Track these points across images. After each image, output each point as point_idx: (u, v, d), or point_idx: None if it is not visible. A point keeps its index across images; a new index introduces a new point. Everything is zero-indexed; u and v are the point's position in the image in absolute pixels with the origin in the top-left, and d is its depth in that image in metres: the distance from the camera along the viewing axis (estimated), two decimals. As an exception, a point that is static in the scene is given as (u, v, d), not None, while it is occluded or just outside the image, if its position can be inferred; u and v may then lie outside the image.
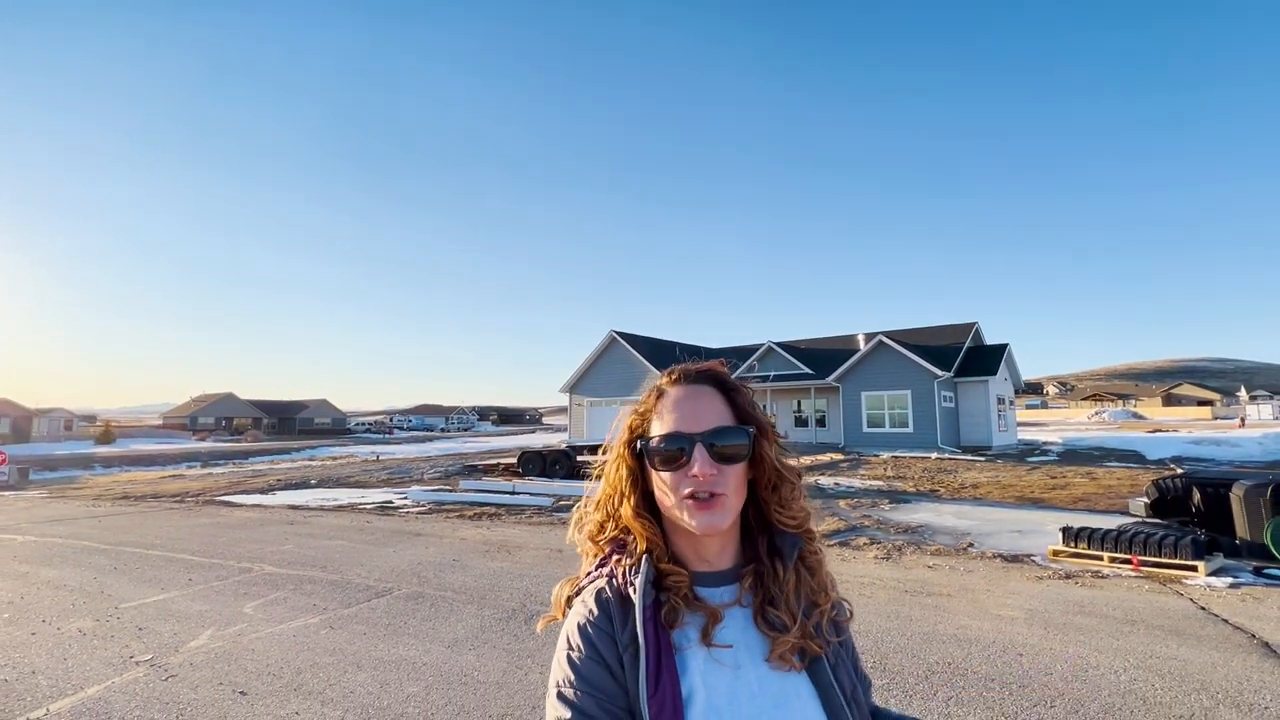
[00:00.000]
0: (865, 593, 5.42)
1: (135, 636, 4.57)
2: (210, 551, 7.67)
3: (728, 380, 0.91)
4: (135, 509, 12.41)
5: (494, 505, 11.64)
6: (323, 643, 4.38)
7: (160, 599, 5.58)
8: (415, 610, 5.11)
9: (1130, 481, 13.33)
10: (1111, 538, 6.61)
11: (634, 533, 0.86)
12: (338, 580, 6.14)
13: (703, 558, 0.86)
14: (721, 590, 0.85)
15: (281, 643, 4.39)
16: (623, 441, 0.90)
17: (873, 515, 9.65)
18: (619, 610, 0.80)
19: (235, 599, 5.54)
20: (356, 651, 4.20)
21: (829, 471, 16.46)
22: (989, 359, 25.49)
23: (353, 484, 16.12)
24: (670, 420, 0.85)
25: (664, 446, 0.83)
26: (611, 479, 0.90)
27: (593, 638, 0.78)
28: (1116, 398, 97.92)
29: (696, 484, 0.80)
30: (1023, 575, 6.00)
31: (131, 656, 4.17)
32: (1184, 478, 8.20)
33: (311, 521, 10.11)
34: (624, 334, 30.04)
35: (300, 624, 4.80)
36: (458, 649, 4.23)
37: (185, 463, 29.49)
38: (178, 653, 4.23)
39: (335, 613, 5.09)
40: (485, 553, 7.40)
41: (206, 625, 4.81)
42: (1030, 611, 4.81)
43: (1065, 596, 5.25)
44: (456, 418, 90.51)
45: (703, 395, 0.87)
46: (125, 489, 16.83)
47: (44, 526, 10.13)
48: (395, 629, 4.66)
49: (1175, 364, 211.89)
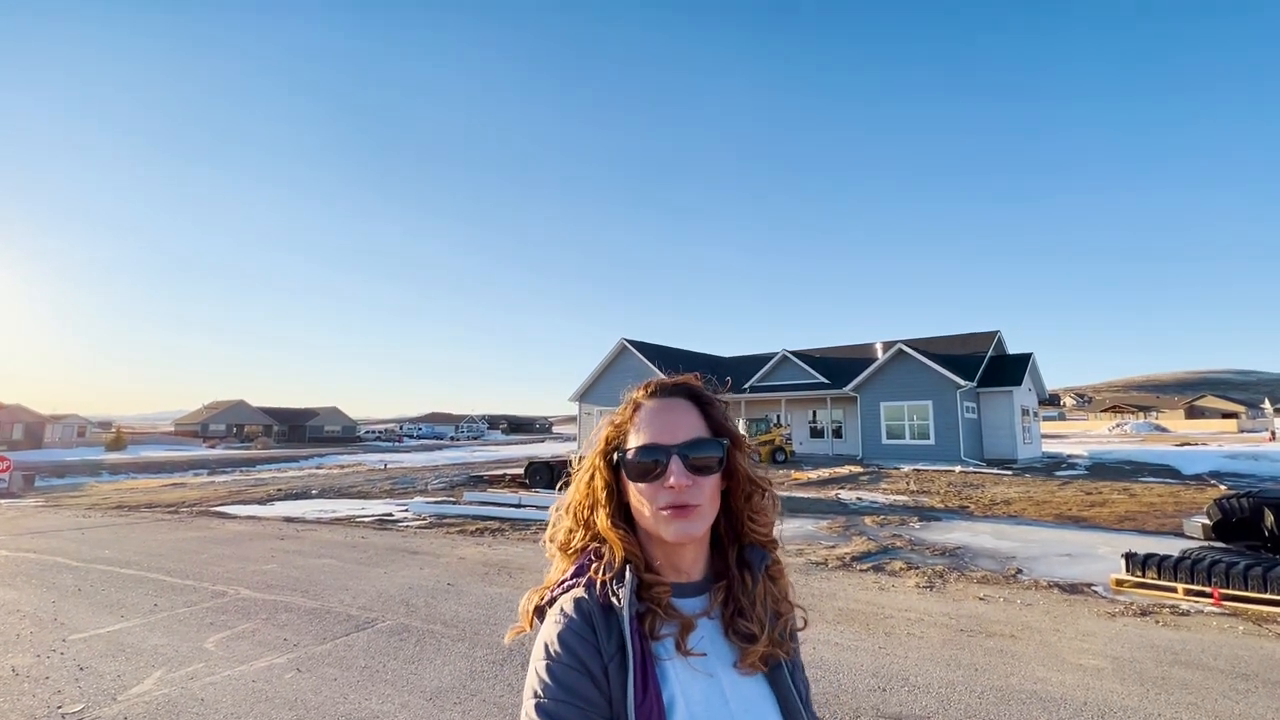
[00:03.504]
0: (915, 632, 4.71)
1: (73, 679, 3.96)
2: (187, 571, 7.07)
3: (702, 393, 0.93)
4: (124, 520, 11.88)
5: (498, 519, 11.00)
6: (285, 691, 3.74)
7: (116, 629, 4.97)
8: (398, 649, 4.46)
9: (1172, 499, 12.48)
10: (1186, 566, 5.86)
11: (610, 542, 0.87)
12: (317, 608, 5.51)
13: (677, 568, 0.87)
14: (693, 601, 0.87)
15: (237, 690, 3.76)
16: (599, 452, 0.92)
17: (903, 535, 8.90)
18: (602, 619, 0.80)
19: (199, 630, 4.91)
20: (321, 704, 3.55)
21: (849, 485, 15.67)
22: (1013, 368, 24.59)
23: (355, 494, 15.54)
24: (646, 433, 0.87)
25: (640, 459, 0.85)
26: (585, 487, 0.92)
27: (574, 647, 0.77)
28: (1137, 409, 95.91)
29: (673, 495, 0.82)
30: (1090, 610, 5.26)
31: (59, 707, 3.55)
32: (1251, 497, 7.40)
33: (304, 536, 9.52)
34: (634, 342, 29.45)
35: (264, 664, 4.17)
36: (440, 702, 3.58)
37: (192, 470, 29.20)
38: (114, 702, 3.61)
39: (307, 650, 4.45)
40: (484, 575, 6.75)
41: (158, 665, 4.18)
42: (1116, 660, 4.08)
43: (1150, 639, 4.50)
44: (466, 426, 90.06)
45: (678, 408, 0.90)
46: (123, 498, 16.36)
47: (22, 540, 9.59)
48: (371, 673, 4.01)
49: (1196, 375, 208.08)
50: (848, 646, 4.40)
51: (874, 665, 4.07)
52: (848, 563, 7.12)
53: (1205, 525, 7.50)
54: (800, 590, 5.73)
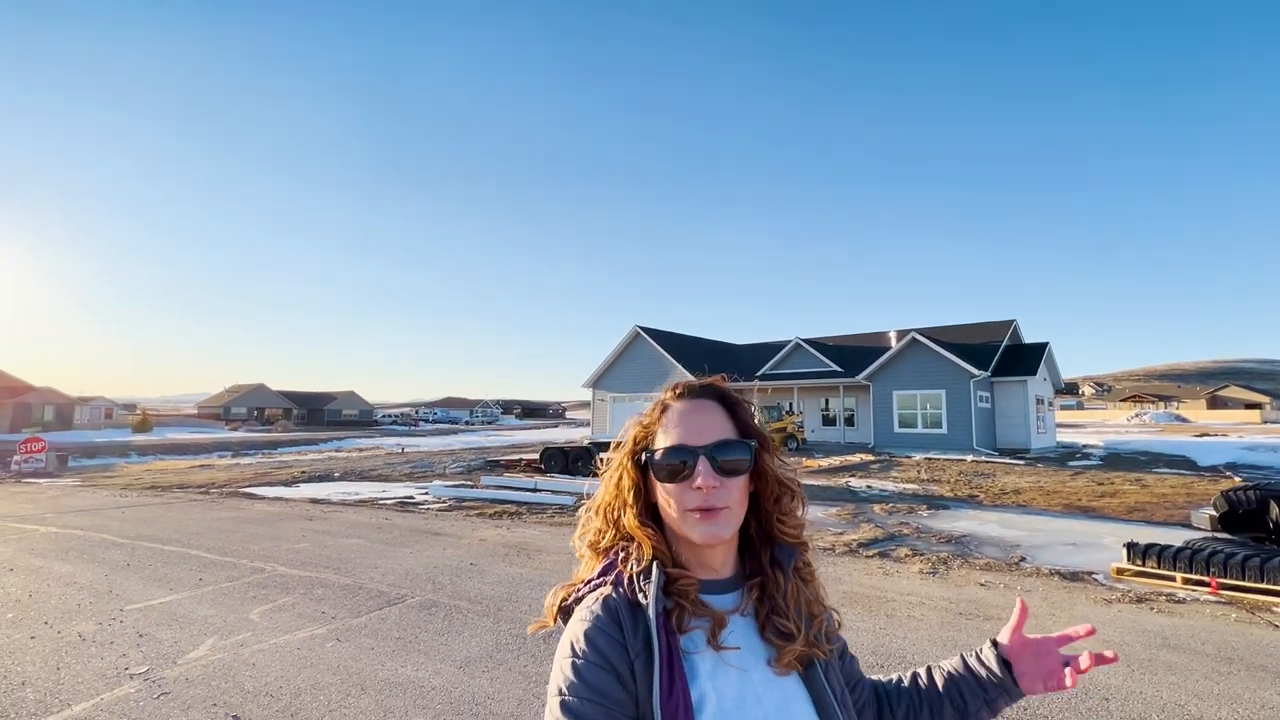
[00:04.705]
0: (915, 614, 4.95)
1: (135, 644, 4.33)
2: (225, 549, 7.49)
3: (729, 395, 0.93)
4: (160, 500, 12.42)
5: (515, 503, 11.36)
6: (327, 658, 4.08)
7: (167, 600, 5.37)
8: (428, 622, 4.79)
9: (1185, 490, 12.52)
10: (1185, 556, 6.01)
11: (638, 540, 0.87)
12: (350, 584, 5.87)
13: (707, 566, 0.87)
14: (725, 598, 0.87)
15: (284, 657, 4.10)
16: (627, 453, 0.92)
17: (911, 522, 9.11)
18: (629, 616, 0.80)
19: (243, 603, 5.29)
20: (361, 671, 3.88)
21: (859, 473, 15.85)
22: (1028, 358, 24.49)
23: (375, 477, 16.03)
24: (674, 434, 0.87)
25: (668, 460, 0.85)
26: (613, 488, 0.92)
27: (601, 645, 0.77)
28: (1157, 399, 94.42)
29: (701, 496, 0.82)
30: (1087, 597, 5.46)
31: (127, 668, 3.91)
32: (1259, 489, 7.49)
33: (331, 517, 9.94)
34: (648, 329, 29.62)
35: (306, 635, 4.52)
36: (470, 670, 3.89)
37: (217, 452, 30.00)
38: (175, 665, 3.97)
39: (344, 622, 4.79)
40: (504, 556, 7.09)
41: (209, 633, 4.55)
42: (1106, 643, 4.28)
43: (1143, 625, 4.71)
44: (480, 411, 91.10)
45: (706, 409, 0.90)
46: (154, 479, 17.00)
47: (68, 517, 10.13)
48: (405, 643, 4.34)
49: (1219, 365, 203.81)
50: (850, 627, 4.65)
51: (874, 644, 4.32)
52: (854, 549, 7.36)
53: (1212, 517, 7.61)
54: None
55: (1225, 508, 7.44)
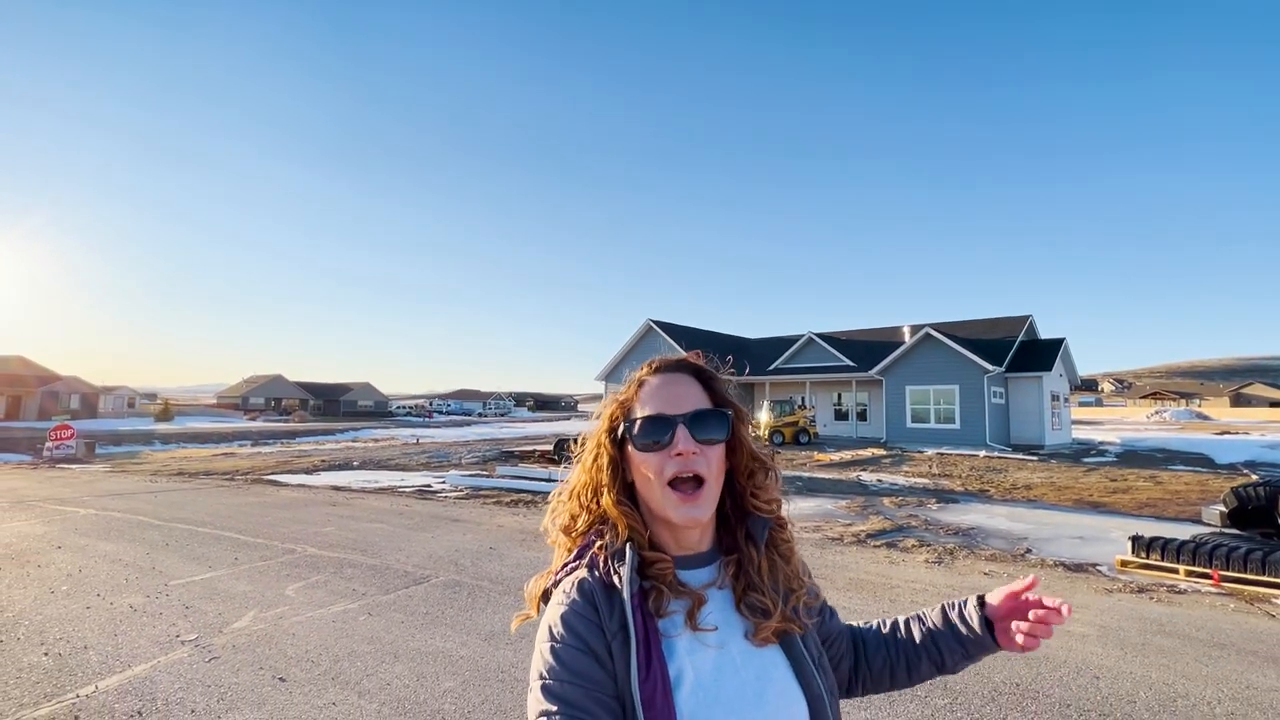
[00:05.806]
0: (918, 600, 5.13)
1: (182, 615, 4.64)
2: (256, 531, 7.84)
3: (704, 369, 0.95)
4: (189, 485, 12.88)
5: (530, 493, 11.65)
6: (361, 630, 4.35)
7: (207, 577, 5.69)
8: (453, 600, 5.06)
9: (1199, 487, 12.51)
10: (1188, 549, 6.12)
11: (614, 521, 0.87)
12: (377, 565, 6.17)
13: (682, 545, 0.88)
14: (701, 572, 0.88)
15: (321, 628, 4.39)
16: (603, 430, 0.92)
17: (920, 515, 9.25)
18: (604, 598, 0.81)
19: (278, 580, 5.60)
20: (394, 641, 4.15)
21: (871, 467, 15.97)
22: (1044, 354, 24.34)
23: (393, 466, 16.42)
24: (652, 405, 0.88)
25: (646, 429, 0.86)
26: (590, 469, 0.92)
27: (578, 627, 0.78)
28: (1179, 396, 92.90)
29: (680, 463, 0.83)
30: (1089, 587, 5.60)
31: (178, 635, 4.22)
32: (1269, 485, 7.55)
33: (353, 503, 10.28)
34: (661, 323, 29.81)
35: (340, 609, 4.81)
36: (494, 642, 4.14)
37: (237, 441, 30.69)
38: (221, 634, 4.27)
39: (374, 599, 5.08)
40: (521, 541, 7.36)
41: (250, 606, 4.85)
42: (1103, 629, 4.45)
43: (1140, 612, 4.85)
44: (494, 403, 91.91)
45: (681, 382, 0.91)
46: (181, 465, 17.55)
47: (104, 500, 10.58)
48: (433, 618, 4.61)
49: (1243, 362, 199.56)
50: (854, 611, 4.85)
51: (878, 626, 4.51)
52: (862, 539, 7.53)
53: (1222, 513, 7.68)
54: (814, 563, 6.21)
55: (1235, 504, 7.51)
